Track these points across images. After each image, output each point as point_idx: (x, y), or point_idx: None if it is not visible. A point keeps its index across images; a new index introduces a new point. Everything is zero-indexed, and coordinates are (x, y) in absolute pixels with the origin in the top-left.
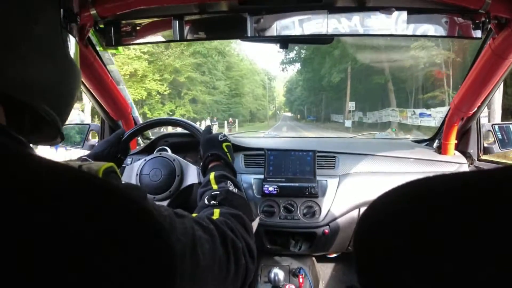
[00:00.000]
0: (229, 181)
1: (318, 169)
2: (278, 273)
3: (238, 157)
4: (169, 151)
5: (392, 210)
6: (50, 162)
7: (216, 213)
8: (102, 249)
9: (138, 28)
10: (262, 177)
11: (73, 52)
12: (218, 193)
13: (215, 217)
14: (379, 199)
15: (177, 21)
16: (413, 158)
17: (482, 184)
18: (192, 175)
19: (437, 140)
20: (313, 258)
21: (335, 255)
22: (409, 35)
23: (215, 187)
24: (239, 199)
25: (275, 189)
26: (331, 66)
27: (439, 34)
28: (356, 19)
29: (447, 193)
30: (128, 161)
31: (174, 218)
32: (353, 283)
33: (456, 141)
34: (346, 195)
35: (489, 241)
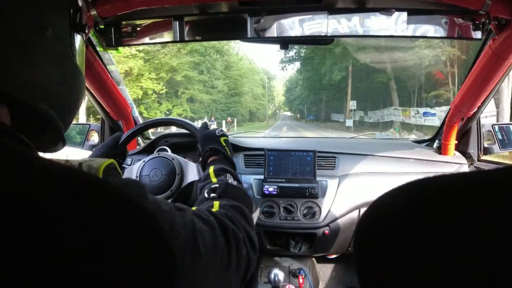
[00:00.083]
0: (228, 174)
1: (318, 169)
2: (278, 273)
3: (238, 157)
4: (169, 151)
5: (393, 211)
6: (50, 162)
7: (216, 205)
8: (100, 250)
9: (139, 28)
10: (262, 177)
11: (79, 60)
12: (218, 186)
13: (215, 209)
14: (379, 199)
15: (177, 22)
16: (413, 159)
17: (482, 185)
18: (192, 172)
19: (437, 141)
20: (313, 259)
21: (335, 255)
22: (409, 36)
23: (214, 180)
24: (239, 191)
25: (275, 189)
26: (332, 64)
27: (439, 35)
28: (356, 20)
29: (447, 193)
30: (128, 162)
31: (174, 212)
32: (353, 284)
33: (456, 142)
34: (346, 195)
35: (489, 240)
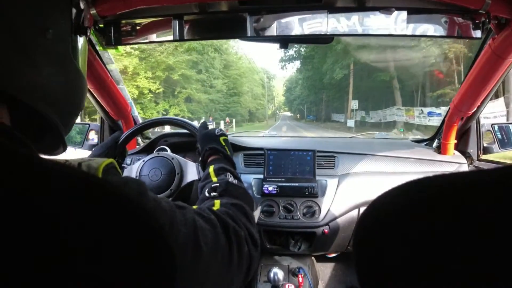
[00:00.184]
0: (228, 172)
1: (317, 169)
2: (278, 272)
3: (237, 157)
4: (169, 151)
5: (392, 210)
6: (50, 162)
7: (217, 204)
8: (100, 250)
9: (138, 27)
10: (261, 177)
11: (81, 62)
12: (218, 185)
13: (215, 207)
14: (378, 198)
15: (177, 21)
16: (412, 158)
17: (481, 184)
18: (192, 172)
19: (436, 140)
20: (313, 258)
21: (334, 254)
22: (408, 35)
23: (214, 179)
24: (239, 189)
25: (275, 189)
26: (334, 62)
27: (439, 34)
28: (356, 19)
29: (446, 193)
30: (127, 161)
31: (175, 210)
32: (352, 283)
33: (455, 141)
34: (345, 195)
35: (489, 240)
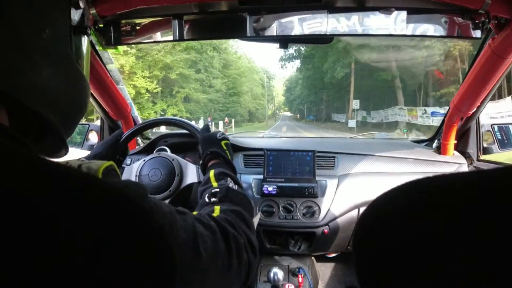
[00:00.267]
0: (229, 178)
1: (317, 169)
2: (278, 272)
3: (237, 157)
4: (169, 151)
5: (392, 210)
6: (50, 162)
7: (217, 210)
8: (100, 250)
9: (138, 27)
10: (261, 177)
11: (84, 64)
12: (218, 190)
13: (215, 214)
14: (378, 199)
15: (176, 21)
16: (412, 158)
17: (481, 184)
18: (192, 174)
19: (436, 140)
20: (313, 258)
21: (334, 254)
22: (408, 35)
23: (215, 184)
24: (240, 195)
25: (275, 189)
26: (335, 60)
27: (439, 34)
28: (356, 19)
29: (446, 193)
30: (127, 161)
31: (175, 215)
32: (352, 282)
33: (455, 141)
34: (345, 195)
35: (489, 240)
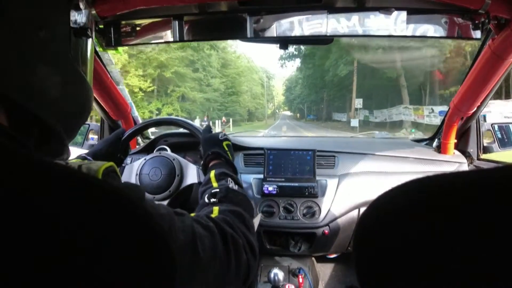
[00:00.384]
0: (229, 178)
1: (317, 168)
2: (278, 273)
3: (237, 157)
4: (169, 151)
5: (392, 210)
6: (50, 162)
7: (216, 210)
8: (100, 250)
9: (138, 28)
10: (261, 176)
11: (88, 66)
12: (218, 190)
13: (214, 215)
14: (379, 198)
15: (176, 22)
16: (412, 158)
17: (481, 184)
18: (192, 174)
19: (436, 140)
20: (313, 258)
21: (335, 255)
22: (408, 35)
23: (215, 185)
24: (240, 196)
25: (275, 189)
26: (338, 58)
27: (439, 35)
28: (356, 19)
29: (446, 192)
30: (128, 161)
31: (173, 216)
32: (353, 283)
33: (455, 141)
34: (346, 195)
35: (489, 240)
